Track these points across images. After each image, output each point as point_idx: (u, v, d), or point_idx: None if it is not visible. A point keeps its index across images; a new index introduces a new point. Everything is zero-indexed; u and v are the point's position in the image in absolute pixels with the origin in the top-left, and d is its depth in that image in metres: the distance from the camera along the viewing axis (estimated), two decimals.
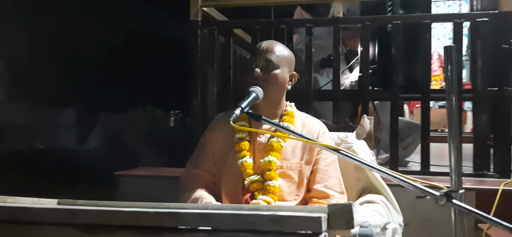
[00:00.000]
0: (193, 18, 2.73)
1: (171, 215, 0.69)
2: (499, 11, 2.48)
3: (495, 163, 2.58)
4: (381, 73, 2.84)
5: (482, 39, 2.51)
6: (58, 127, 5.17)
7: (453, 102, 1.19)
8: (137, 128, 4.56)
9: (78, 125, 5.14)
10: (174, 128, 4.12)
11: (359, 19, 2.76)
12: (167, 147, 3.76)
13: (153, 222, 0.69)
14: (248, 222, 0.65)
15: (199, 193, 1.74)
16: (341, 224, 0.67)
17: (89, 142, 5.14)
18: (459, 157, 1.22)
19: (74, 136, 5.17)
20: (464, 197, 1.18)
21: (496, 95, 2.57)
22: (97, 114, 5.03)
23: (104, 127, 5.04)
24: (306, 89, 2.69)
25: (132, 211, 0.70)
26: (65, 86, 4.56)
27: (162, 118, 4.49)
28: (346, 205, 0.68)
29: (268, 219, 0.65)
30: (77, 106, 5.01)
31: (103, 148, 4.83)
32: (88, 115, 4.93)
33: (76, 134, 5.16)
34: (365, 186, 1.94)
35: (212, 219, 0.67)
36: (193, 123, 2.83)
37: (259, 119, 1.50)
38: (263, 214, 0.66)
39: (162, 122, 4.45)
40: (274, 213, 0.65)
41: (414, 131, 3.25)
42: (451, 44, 1.18)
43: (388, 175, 1.19)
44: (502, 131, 2.53)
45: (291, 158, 1.73)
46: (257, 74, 1.68)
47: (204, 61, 2.78)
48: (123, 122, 4.77)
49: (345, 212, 0.67)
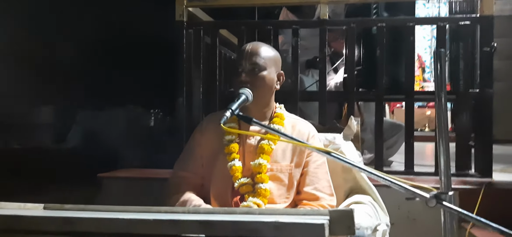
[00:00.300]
0: (178, 18, 2.71)
1: (171, 223, 0.67)
2: (481, 15, 2.52)
3: (477, 163, 2.62)
4: (366, 74, 2.86)
5: (464, 41, 2.56)
6: (35, 126, 5.07)
7: (442, 104, 1.21)
8: (118, 127, 4.50)
9: (56, 124, 5.04)
10: (157, 128, 4.08)
11: (345, 22, 2.78)
12: (150, 147, 3.73)
13: (153, 230, 0.68)
14: (251, 230, 0.65)
15: (188, 195, 1.73)
16: (342, 230, 0.67)
17: (67, 141, 5.05)
18: (448, 159, 1.24)
19: (51, 135, 5.07)
20: (453, 198, 1.20)
21: (477, 96, 2.62)
22: (76, 113, 4.95)
23: (83, 126, 4.95)
24: (292, 90, 2.69)
25: (131, 218, 0.68)
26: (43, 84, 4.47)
27: (144, 118, 4.44)
28: (347, 211, 0.68)
29: (271, 227, 0.64)
30: (55, 105, 4.92)
31: (81, 147, 4.75)
32: (67, 113, 4.85)
33: (54, 133, 5.07)
34: (353, 186, 1.96)
35: (214, 227, 0.66)
36: (178, 123, 2.81)
37: (250, 122, 1.49)
38: (267, 221, 0.65)
39: (145, 121, 4.41)
40: (277, 220, 0.65)
41: (397, 132, 3.30)
42: (441, 49, 1.19)
43: (380, 177, 1.20)
44: (483, 132, 2.58)
45: (281, 161, 1.73)
46: (243, 78, 1.67)
47: (189, 61, 2.75)
48: (103, 121, 4.70)
49: (346, 218, 0.67)
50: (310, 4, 3.22)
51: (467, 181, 2.47)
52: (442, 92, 1.18)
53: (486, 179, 2.46)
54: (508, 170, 3.00)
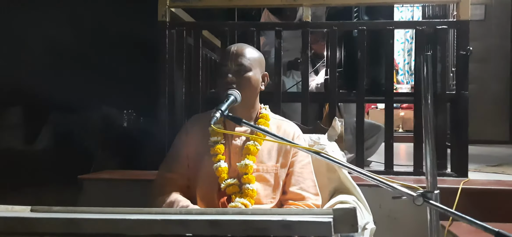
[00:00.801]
0: (161, 18, 2.70)
1: (181, 222, 0.68)
2: (457, 19, 2.61)
3: (453, 163, 2.70)
4: (347, 76, 2.91)
5: (441, 45, 2.64)
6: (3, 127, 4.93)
7: (429, 106, 1.25)
8: (93, 129, 4.42)
9: (26, 125, 4.92)
10: (137, 129, 4.03)
11: (327, 24, 2.82)
12: (128, 149, 3.68)
13: (161, 230, 0.68)
14: (260, 228, 0.66)
15: (174, 196, 1.73)
16: (346, 228, 0.69)
17: (38, 142, 4.93)
18: (434, 159, 1.28)
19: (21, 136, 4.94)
20: (439, 197, 1.24)
21: (454, 98, 2.70)
22: (48, 114, 4.84)
23: (54, 127, 4.85)
24: (274, 91, 2.71)
25: (139, 218, 0.68)
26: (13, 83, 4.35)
27: (120, 119, 4.38)
28: (350, 209, 0.70)
29: (279, 225, 0.66)
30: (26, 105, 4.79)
31: (53, 149, 4.64)
32: (38, 114, 4.73)
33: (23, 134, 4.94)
34: (337, 186, 1.99)
35: (223, 226, 0.67)
36: (159, 124, 2.79)
37: (239, 122, 1.50)
38: (275, 219, 0.67)
39: (121, 122, 4.35)
40: (285, 218, 0.66)
41: (376, 132, 3.37)
42: (428, 53, 1.23)
43: (369, 177, 1.23)
44: (459, 133, 2.65)
45: (267, 161, 1.75)
46: (230, 79, 1.68)
47: (172, 61, 2.74)
48: (76, 122, 4.61)
49: (349, 216, 0.69)
50: (292, 6, 3.25)
51: (444, 181, 2.54)
52: (429, 94, 1.22)
53: (463, 178, 2.54)
54: (482, 170, 3.10)
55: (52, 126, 4.83)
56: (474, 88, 5.13)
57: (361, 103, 2.72)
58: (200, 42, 2.77)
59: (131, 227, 0.68)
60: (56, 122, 4.78)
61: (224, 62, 1.73)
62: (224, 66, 1.72)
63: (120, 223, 0.68)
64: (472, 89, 2.72)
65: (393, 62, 2.77)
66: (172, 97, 2.76)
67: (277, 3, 2.80)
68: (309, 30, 2.68)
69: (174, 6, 2.76)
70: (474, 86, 5.16)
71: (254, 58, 1.76)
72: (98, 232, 0.70)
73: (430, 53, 1.24)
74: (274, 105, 2.61)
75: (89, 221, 0.70)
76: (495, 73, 6.51)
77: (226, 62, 1.73)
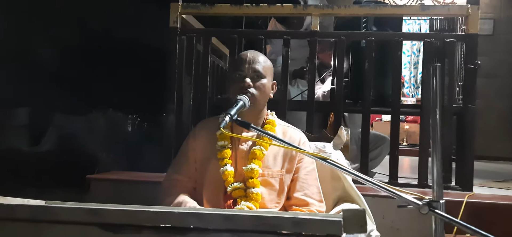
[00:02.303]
0: (172, 24, 2.74)
1: (195, 215, 0.70)
2: (466, 33, 2.62)
3: (458, 176, 2.70)
4: (353, 86, 2.93)
5: (449, 58, 2.65)
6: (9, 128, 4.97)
7: (437, 115, 1.27)
8: (99, 132, 4.45)
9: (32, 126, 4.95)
10: (145, 133, 4.06)
11: (335, 34, 2.84)
12: (134, 153, 3.71)
13: (177, 222, 0.70)
14: (272, 224, 0.68)
15: (182, 197, 1.75)
16: (355, 228, 0.71)
17: (43, 144, 4.96)
18: (440, 169, 1.30)
19: (26, 137, 4.98)
20: (445, 207, 1.25)
21: (460, 111, 2.71)
22: (53, 116, 4.87)
23: (59, 129, 4.88)
24: (280, 99, 2.74)
25: (156, 211, 0.71)
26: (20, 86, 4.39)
27: (125, 122, 4.41)
28: (360, 211, 0.72)
29: (291, 222, 0.68)
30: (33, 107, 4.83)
31: (58, 150, 4.67)
32: (44, 116, 4.76)
33: (29, 136, 4.97)
34: (341, 195, 2.01)
35: (236, 221, 0.69)
36: (167, 128, 2.82)
37: (248, 127, 1.53)
38: (286, 217, 0.69)
39: (126, 126, 4.38)
40: (296, 216, 0.69)
41: (381, 144, 3.38)
42: (437, 64, 1.25)
43: (376, 186, 1.25)
44: (465, 146, 2.66)
45: (272, 166, 1.77)
46: (247, 84, 1.71)
47: (181, 67, 2.78)
48: (81, 124, 4.64)
49: (359, 217, 0.71)
50: (301, 15, 3.29)
51: (449, 194, 2.55)
52: (437, 104, 1.24)
53: (467, 192, 2.54)
54: (487, 185, 3.10)
55: (58, 127, 4.87)
56: (480, 103, 5.12)
57: (367, 114, 2.74)
58: (209, 48, 2.81)
59: (152, 218, 0.70)
60: (62, 124, 4.82)
61: (240, 67, 1.77)
62: (240, 71, 1.76)
63: (141, 214, 0.71)
64: (478, 105, 2.73)
65: (400, 73, 2.79)
66: (180, 102, 2.79)
67: (286, 12, 2.83)
68: (317, 39, 2.71)
69: (186, 13, 2.81)
70: (480, 102, 5.15)
71: (267, 66, 1.81)
72: (119, 222, 0.72)
73: (441, 64, 1.26)
74: (279, 113, 2.63)
75: (111, 211, 0.73)
76: (501, 89, 6.47)
77: (242, 67, 1.76)
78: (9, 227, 0.78)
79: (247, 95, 1.70)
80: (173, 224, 0.71)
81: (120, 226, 0.73)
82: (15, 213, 0.78)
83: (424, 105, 2.72)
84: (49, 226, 0.76)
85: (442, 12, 3.36)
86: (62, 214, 0.76)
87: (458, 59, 3.96)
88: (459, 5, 5.65)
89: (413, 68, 8.37)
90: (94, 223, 0.74)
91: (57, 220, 0.75)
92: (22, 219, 0.77)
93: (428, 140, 2.64)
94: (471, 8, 2.61)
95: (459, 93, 3.57)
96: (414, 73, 8.35)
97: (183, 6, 2.79)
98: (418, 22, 8.10)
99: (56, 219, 0.75)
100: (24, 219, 0.78)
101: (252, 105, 1.71)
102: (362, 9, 2.84)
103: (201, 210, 0.72)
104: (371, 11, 2.79)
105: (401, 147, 7.49)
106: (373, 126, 7.63)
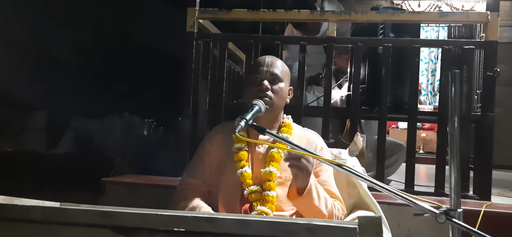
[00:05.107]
0: (189, 29, 2.76)
1: (208, 220, 0.70)
2: (486, 40, 2.58)
3: (476, 185, 2.65)
4: (369, 92, 2.91)
5: (468, 65, 2.61)
6: (28, 130, 5.05)
7: (455, 122, 1.25)
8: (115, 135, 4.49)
9: (49, 129, 5.02)
10: (162, 137, 4.09)
11: (352, 40, 2.83)
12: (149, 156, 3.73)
13: (191, 227, 0.70)
14: (286, 230, 0.67)
15: (196, 202, 1.75)
16: (370, 236, 0.69)
17: (59, 146, 5.03)
18: (458, 178, 1.27)
19: (44, 139, 5.05)
20: (462, 216, 1.23)
21: (479, 119, 2.67)
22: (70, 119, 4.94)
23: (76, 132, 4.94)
24: (296, 105, 2.73)
25: (170, 215, 0.71)
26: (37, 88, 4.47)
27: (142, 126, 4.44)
28: (376, 218, 0.71)
29: (305, 228, 0.67)
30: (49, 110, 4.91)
31: (74, 152, 4.73)
32: (61, 119, 4.84)
33: (46, 138, 5.05)
34: (356, 202, 1.99)
35: (250, 226, 0.69)
36: (183, 133, 2.83)
37: (263, 132, 1.52)
38: (300, 223, 0.68)
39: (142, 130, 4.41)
40: (311, 222, 0.68)
41: (397, 151, 3.34)
42: (456, 70, 1.23)
43: (393, 193, 1.23)
44: (483, 155, 2.61)
45: (289, 169, 1.76)
46: (265, 87, 1.72)
47: (197, 71, 2.79)
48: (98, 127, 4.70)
49: (375, 224, 0.70)
50: (318, 21, 3.28)
51: (466, 203, 2.50)
52: (456, 111, 1.22)
53: (485, 202, 2.49)
54: (505, 194, 3.03)
55: (74, 130, 4.93)
56: (498, 111, 5.03)
57: (383, 121, 2.71)
58: (225, 53, 2.82)
59: (166, 221, 0.70)
60: (78, 127, 4.88)
61: (258, 70, 1.77)
62: (258, 74, 1.76)
63: (154, 218, 0.71)
64: (496, 113, 2.68)
65: (418, 80, 2.76)
66: (196, 107, 2.80)
67: (303, 18, 2.83)
68: (334, 45, 2.70)
69: (202, 17, 2.82)
70: (498, 110, 5.06)
71: (285, 71, 1.81)
72: (131, 225, 0.72)
73: (460, 71, 1.23)
74: (295, 119, 2.63)
75: (124, 214, 0.73)
76: None
77: (260, 70, 1.76)
78: (24, 228, 0.79)
79: (264, 99, 1.70)
80: (186, 228, 0.70)
81: (133, 229, 0.73)
82: (30, 214, 0.78)
83: (441, 112, 2.68)
84: (62, 228, 0.77)
85: (461, 19, 3.31)
86: (75, 216, 0.76)
87: (476, 67, 3.90)
88: (478, 12, 5.59)
89: (430, 75, 8.27)
90: (107, 225, 0.74)
91: (70, 222, 0.76)
92: (36, 220, 0.78)
93: (445, 148, 2.60)
94: (491, 15, 2.57)
95: (477, 101, 3.51)
96: (431, 81, 8.25)
97: (200, 11, 2.81)
98: (436, 29, 8.01)
99: (69, 221, 0.76)
100: (38, 220, 0.78)
101: (269, 108, 1.70)
102: (380, 15, 2.82)
103: (214, 215, 0.72)
104: (388, 17, 2.77)
105: (418, 155, 7.43)
106: (389, 133, 7.56)
